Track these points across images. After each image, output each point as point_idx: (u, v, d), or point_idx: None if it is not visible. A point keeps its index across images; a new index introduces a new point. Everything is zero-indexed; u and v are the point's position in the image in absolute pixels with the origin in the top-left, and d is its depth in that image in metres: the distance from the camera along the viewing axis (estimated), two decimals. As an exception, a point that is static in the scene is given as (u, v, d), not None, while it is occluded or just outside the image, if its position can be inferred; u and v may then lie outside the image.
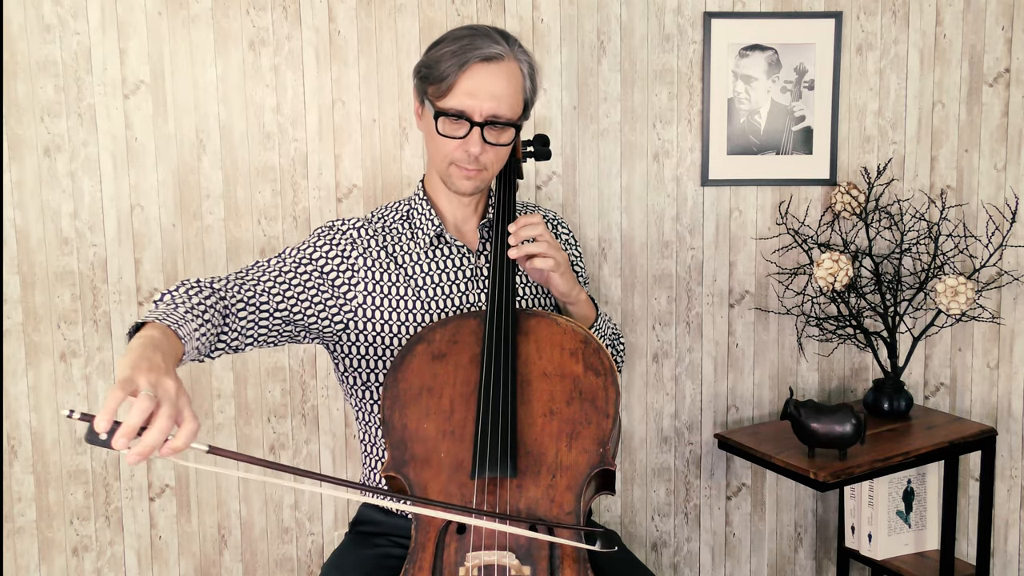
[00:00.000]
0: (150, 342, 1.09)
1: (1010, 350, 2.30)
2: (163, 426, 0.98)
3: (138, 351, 1.06)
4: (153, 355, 1.06)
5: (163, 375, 1.03)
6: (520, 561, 1.23)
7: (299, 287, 1.40)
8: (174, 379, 1.04)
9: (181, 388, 1.04)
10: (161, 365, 1.05)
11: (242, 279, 1.36)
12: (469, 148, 1.41)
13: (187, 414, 1.02)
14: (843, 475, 1.83)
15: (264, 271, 1.40)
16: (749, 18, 2.13)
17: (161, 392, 1.00)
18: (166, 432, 0.98)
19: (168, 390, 1.01)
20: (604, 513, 2.25)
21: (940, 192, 2.24)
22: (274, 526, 2.15)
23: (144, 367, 1.03)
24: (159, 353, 1.07)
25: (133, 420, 0.96)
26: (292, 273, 1.41)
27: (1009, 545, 2.37)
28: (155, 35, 1.99)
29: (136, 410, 0.97)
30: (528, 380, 1.36)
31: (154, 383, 1.01)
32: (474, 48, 1.38)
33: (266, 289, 1.36)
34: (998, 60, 2.20)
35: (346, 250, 1.46)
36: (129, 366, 1.02)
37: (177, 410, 1.01)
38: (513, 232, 1.41)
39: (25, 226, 2.00)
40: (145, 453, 0.98)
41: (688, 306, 2.23)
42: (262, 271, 1.40)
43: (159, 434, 0.98)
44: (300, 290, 1.40)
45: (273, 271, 1.40)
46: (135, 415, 0.97)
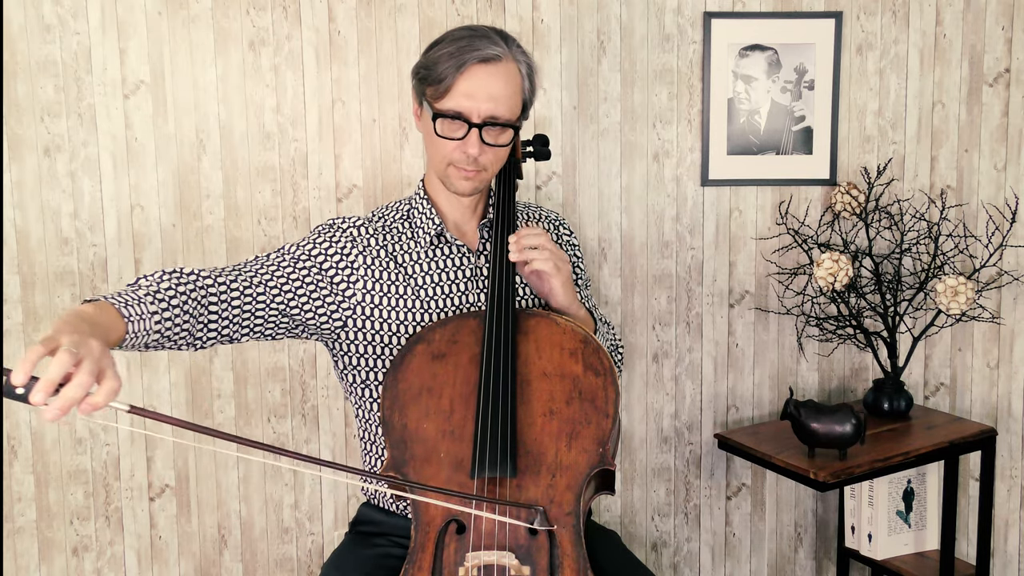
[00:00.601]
0: (80, 314, 1.08)
1: (1010, 350, 2.30)
2: (83, 381, 0.96)
3: (66, 319, 1.05)
4: (79, 324, 1.05)
5: (87, 337, 1.01)
6: (520, 561, 1.23)
7: (297, 281, 1.40)
8: (99, 341, 1.02)
9: (105, 350, 1.02)
10: (86, 330, 1.03)
11: (240, 270, 1.37)
12: (467, 149, 1.41)
13: (109, 373, 1.00)
14: (843, 475, 1.83)
15: (263, 264, 1.40)
16: (749, 18, 2.13)
17: (83, 349, 0.98)
18: (86, 387, 0.96)
19: (92, 349, 1.00)
20: (604, 513, 2.25)
21: (940, 192, 2.24)
22: (274, 526, 2.15)
23: (67, 330, 1.01)
24: (86, 323, 1.06)
25: (53, 373, 0.94)
26: (291, 268, 1.41)
27: (1009, 545, 2.37)
28: (155, 35, 1.99)
29: (56, 363, 0.95)
30: (528, 380, 1.36)
31: (76, 342, 0.99)
32: (472, 49, 1.38)
33: (263, 281, 1.37)
34: (998, 60, 2.20)
35: (346, 248, 1.47)
36: (55, 328, 1.01)
37: (99, 368, 0.99)
38: (514, 240, 1.41)
39: (25, 226, 2.00)
40: (65, 408, 0.95)
41: (688, 306, 2.23)
42: (261, 264, 1.40)
43: (78, 389, 0.95)
44: (298, 284, 1.40)
45: (272, 265, 1.41)
46: (55, 368, 0.95)
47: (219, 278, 1.33)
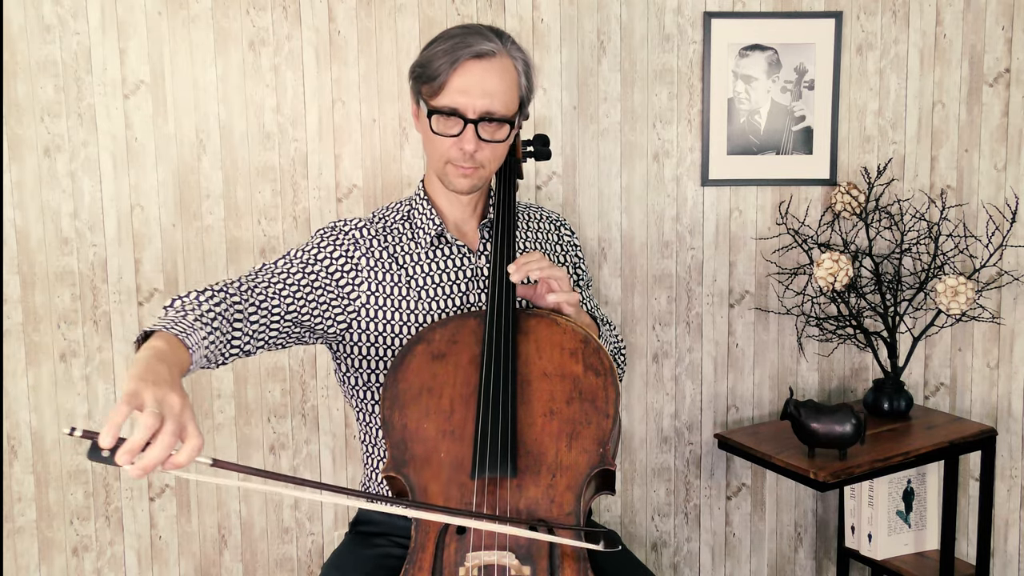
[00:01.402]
0: (156, 354, 1.08)
1: (1010, 350, 2.30)
2: (167, 442, 0.98)
3: (143, 363, 1.06)
4: (159, 367, 1.06)
5: (168, 390, 1.03)
6: (520, 561, 1.23)
7: (307, 287, 1.40)
8: (179, 394, 1.04)
9: (186, 403, 1.04)
10: (167, 379, 1.05)
11: (253, 283, 1.35)
12: (464, 146, 1.40)
13: (191, 430, 1.02)
14: (843, 475, 1.83)
15: (272, 273, 1.39)
16: (749, 18, 2.13)
17: (166, 408, 1.00)
18: (169, 448, 0.98)
19: (173, 406, 1.01)
20: (604, 513, 2.25)
21: (940, 192, 2.24)
22: (274, 526, 2.15)
23: (149, 380, 1.03)
24: (164, 365, 1.07)
25: (138, 437, 0.97)
26: (300, 274, 1.41)
27: (1009, 545, 2.37)
28: (155, 35, 1.99)
29: (141, 427, 0.97)
30: (528, 380, 1.36)
31: (159, 399, 1.01)
32: (465, 45, 1.37)
33: (277, 292, 1.36)
34: (998, 60, 2.20)
35: (349, 250, 1.47)
36: (135, 379, 1.02)
37: (181, 426, 1.01)
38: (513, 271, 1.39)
39: (25, 226, 2.00)
40: (148, 468, 0.98)
41: (688, 306, 2.23)
42: (270, 273, 1.39)
43: (162, 450, 0.98)
44: (308, 291, 1.40)
45: (281, 272, 1.40)
46: (140, 432, 0.97)
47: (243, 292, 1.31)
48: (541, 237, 1.62)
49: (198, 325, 1.19)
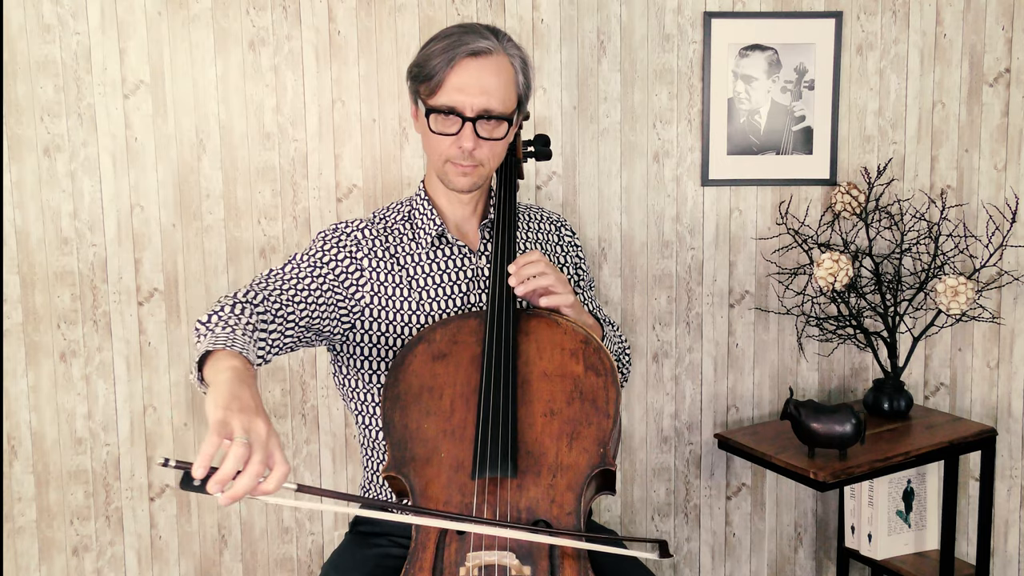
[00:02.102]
0: (236, 376, 1.10)
1: (1010, 350, 2.30)
2: (255, 471, 1.01)
3: (226, 389, 1.08)
4: (241, 391, 1.08)
5: (254, 416, 1.05)
6: (520, 561, 1.23)
7: (316, 291, 1.40)
8: (264, 419, 1.07)
9: (271, 428, 1.07)
10: (251, 403, 1.07)
11: (266, 291, 1.35)
12: (462, 144, 1.40)
13: (278, 457, 1.05)
14: (843, 475, 1.83)
15: (282, 280, 1.39)
16: (749, 18, 2.13)
17: (254, 436, 1.03)
18: (258, 477, 1.01)
19: (260, 434, 1.04)
20: (604, 513, 2.25)
21: (940, 192, 2.24)
22: (274, 526, 2.15)
23: (235, 408, 1.05)
24: (246, 388, 1.10)
25: (228, 468, 1.00)
26: (308, 278, 1.41)
27: (1009, 545, 2.37)
28: (155, 35, 1.99)
29: (231, 458, 1.00)
30: (528, 380, 1.36)
31: (247, 427, 1.03)
32: (462, 44, 1.38)
33: (290, 299, 1.36)
34: (998, 60, 2.20)
35: (352, 251, 1.47)
36: (222, 407, 1.04)
37: (268, 454, 1.04)
38: (514, 272, 1.40)
39: (25, 226, 2.00)
40: (237, 497, 1.01)
41: (688, 306, 2.23)
42: (280, 280, 1.39)
43: (252, 480, 1.01)
44: (317, 294, 1.40)
45: (290, 279, 1.40)
46: (230, 463, 1.00)
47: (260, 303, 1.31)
48: (542, 238, 1.62)
49: (246, 339, 1.21)
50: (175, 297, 2.06)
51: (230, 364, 1.13)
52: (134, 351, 2.06)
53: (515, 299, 1.42)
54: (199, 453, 0.99)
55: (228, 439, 1.02)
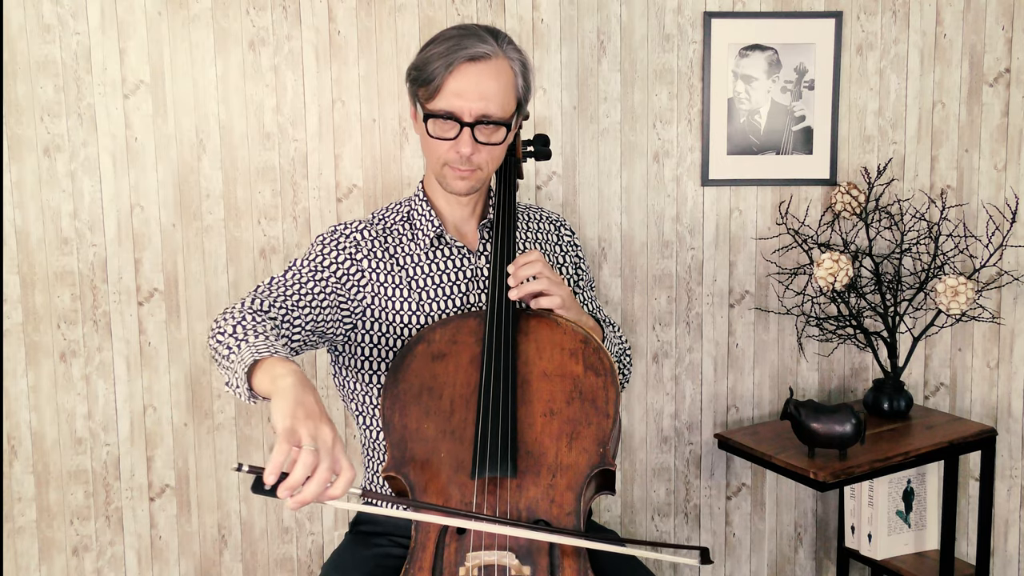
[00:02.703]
0: (298, 381, 1.13)
1: (1010, 350, 2.30)
2: (323, 477, 1.05)
3: (291, 396, 1.11)
4: (305, 397, 1.12)
5: (320, 422, 1.09)
6: (520, 561, 1.23)
7: (320, 295, 1.41)
8: (329, 424, 1.10)
9: (336, 433, 1.11)
10: (315, 409, 1.11)
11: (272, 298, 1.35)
12: (460, 149, 1.40)
13: (344, 463, 1.09)
14: (843, 475, 1.83)
15: (286, 286, 1.39)
16: (749, 18, 2.13)
17: (320, 443, 1.07)
18: (325, 483, 1.06)
19: (326, 440, 1.08)
20: (604, 513, 2.25)
21: (940, 192, 2.23)
22: (274, 526, 2.15)
23: (301, 415, 1.08)
24: (309, 393, 1.13)
25: (298, 475, 1.04)
26: (311, 283, 1.41)
27: (1009, 545, 2.37)
28: (155, 35, 1.99)
29: (301, 465, 1.04)
30: (528, 380, 1.36)
31: (313, 434, 1.07)
32: (461, 48, 1.37)
33: (295, 304, 1.37)
34: (998, 60, 2.20)
35: (351, 252, 1.47)
36: (289, 415, 1.08)
37: (335, 460, 1.08)
38: (512, 273, 1.41)
39: (25, 226, 2.00)
40: (306, 501, 1.06)
41: (688, 306, 2.23)
42: (283, 287, 1.39)
43: (320, 486, 1.05)
44: (321, 298, 1.41)
45: (294, 284, 1.40)
46: (300, 471, 1.04)
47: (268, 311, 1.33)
48: (541, 238, 1.62)
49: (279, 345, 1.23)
50: (175, 297, 2.06)
51: (289, 369, 1.15)
52: (134, 351, 2.06)
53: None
54: (270, 460, 1.04)
55: (296, 446, 1.06)
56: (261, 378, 1.17)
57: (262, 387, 1.17)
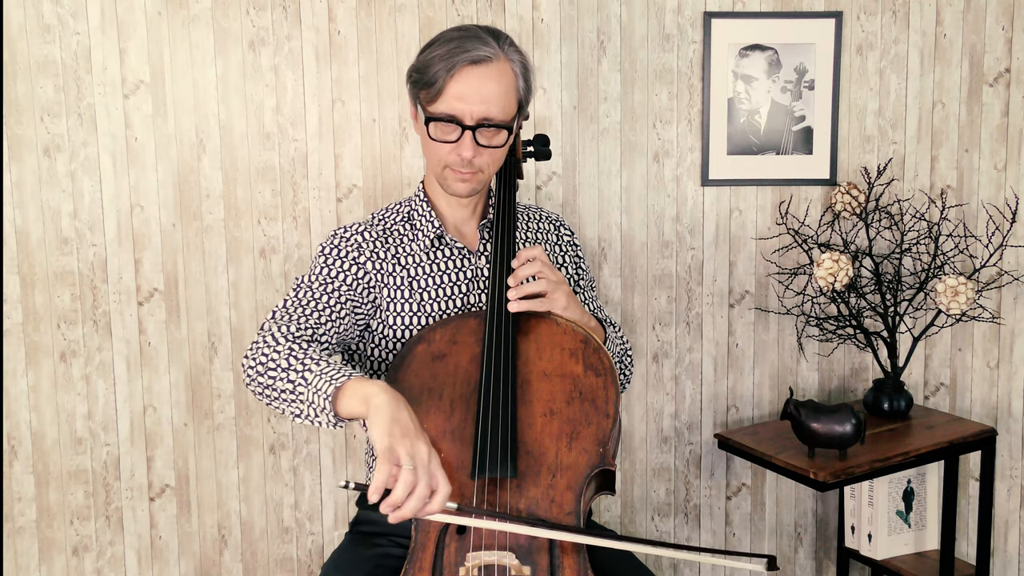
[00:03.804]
0: (391, 399, 1.18)
1: (1010, 350, 2.30)
2: (422, 494, 1.12)
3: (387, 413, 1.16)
4: (399, 414, 1.16)
5: (416, 440, 1.15)
6: (520, 561, 1.23)
7: (337, 306, 1.42)
8: (424, 441, 1.16)
9: (431, 450, 1.16)
10: (410, 426, 1.16)
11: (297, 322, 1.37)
12: (461, 152, 1.40)
13: (440, 479, 1.15)
14: (843, 475, 1.83)
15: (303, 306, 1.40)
16: (749, 18, 2.13)
17: (418, 461, 1.13)
18: (425, 499, 1.12)
19: (423, 458, 1.14)
20: (604, 513, 2.25)
21: (940, 192, 2.24)
22: (274, 526, 2.15)
23: (398, 434, 1.14)
24: (403, 409, 1.18)
25: (399, 495, 1.11)
26: (326, 296, 1.42)
27: (1009, 545, 2.37)
28: (155, 35, 1.99)
29: (401, 485, 1.11)
30: (528, 380, 1.36)
31: (411, 452, 1.13)
32: (462, 51, 1.36)
33: (318, 322, 1.39)
34: (998, 60, 2.20)
35: (355, 255, 1.47)
36: (386, 434, 1.13)
37: (431, 476, 1.14)
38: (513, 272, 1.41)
39: (25, 226, 2.00)
40: (406, 517, 1.12)
41: (688, 306, 2.23)
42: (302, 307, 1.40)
43: (419, 502, 1.12)
44: (339, 309, 1.42)
45: (312, 303, 1.41)
46: (400, 490, 1.11)
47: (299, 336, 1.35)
48: (540, 237, 1.62)
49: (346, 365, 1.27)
50: (175, 297, 2.06)
51: (378, 387, 1.19)
52: (134, 351, 2.06)
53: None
54: (373, 479, 1.10)
55: (396, 465, 1.11)
56: (347, 401, 1.20)
57: (350, 410, 1.21)
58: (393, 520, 1.12)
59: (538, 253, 1.42)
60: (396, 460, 1.11)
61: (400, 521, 1.13)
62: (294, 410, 1.25)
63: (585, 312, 1.48)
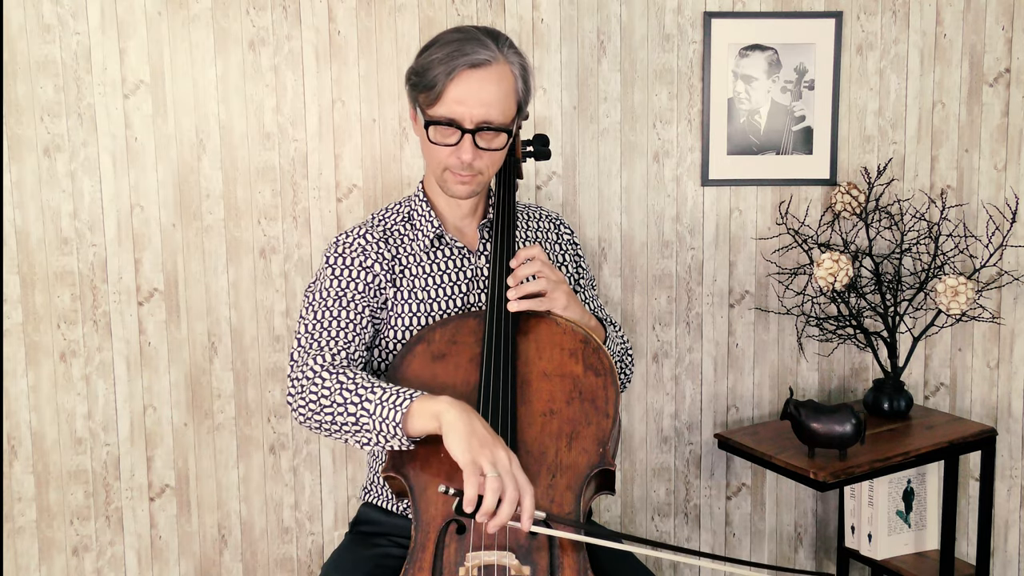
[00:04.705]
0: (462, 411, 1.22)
1: (1010, 350, 2.30)
2: (513, 497, 1.17)
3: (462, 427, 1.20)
4: (474, 425, 1.21)
5: (494, 448, 1.19)
6: (520, 561, 1.23)
7: (358, 319, 1.44)
8: (502, 447, 1.20)
9: (511, 454, 1.21)
10: (486, 435, 1.20)
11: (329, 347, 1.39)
12: (461, 155, 1.40)
13: (521, 480, 1.19)
14: (843, 475, 1.83)
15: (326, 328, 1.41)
16: (749, 18, 2.13)
17: (501, 468, 1.17)
18: (516, 503, 1.17)
19: (504, 464, 1.18)
20: (604, 513, 2.25)
21: (940, 192, 2.23)
22: (274, 526, 2.15)
23: (476, 445, 1.18)
24: (476, 419, 1.22)
25: (490, 502, 1.15)
26: (345, 312, 1.43)
27: (1009, 545, 2.37)
28: (155, 35, 1.99)
29: (490, 492, 1.15)
30: (528, 380, 1.36)
31: (492, 460, 1.17)
32: (462, 54, 1.36)
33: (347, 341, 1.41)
34: (998, 60, 2.20)
35: (361, 260, 1.47)
36: (466, 448, 1.18)
37: (516, 479, 1.18)
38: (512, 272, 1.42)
39: (25, 226, 2.00)
40: (503, 523, 1.17)
41: (688, 306, 2.23)
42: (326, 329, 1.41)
43: (511, 507, 1.16)
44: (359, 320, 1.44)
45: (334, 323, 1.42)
46: (491, 497, 1.15)
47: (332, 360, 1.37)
48: (540, 237, 1.62)
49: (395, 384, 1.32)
50: (175, 297, 2.06)
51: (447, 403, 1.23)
52: (134, 351, 2.06)
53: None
54: (465, 494, 1.15)
55: (482, 475, 1.16)
56: (417, 422, 1.24)
57: (422, 429, 1.24)
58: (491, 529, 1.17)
59: (537, 252, 1.42)
60: (480, 471, 1.16)
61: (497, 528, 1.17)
62: (360, 439, 1.28)
63: (585, 311, 1.48)
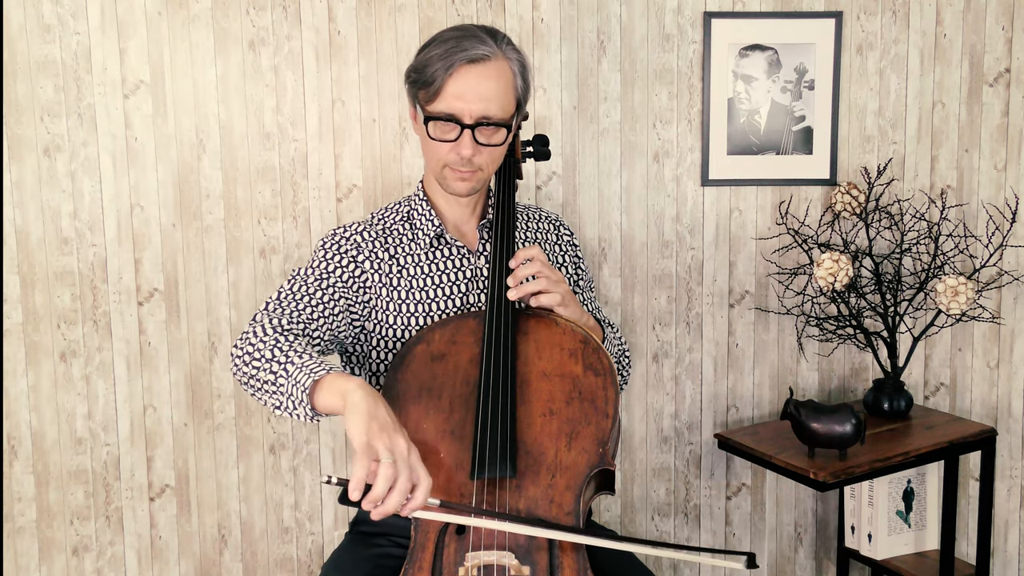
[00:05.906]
0: (368, 395, 1.16)
1: (1010, 350, 2.30)
2: (403, 488, 1.11)
3: (364, 409, 1.14)
4: (376, 410, 1.15)
5: (394, 434, 1.13)
6: (520, 561, 1.23)
7: (331, 302, 1.41)
8: (402, 435, 1.14)
9: (410, 443, 1.15)
10: (388, 420, 1.15)
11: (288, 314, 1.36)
12: (461, 151, 1.40)
13: (420, 472, 1.14)
14: (843, 475, 1.83)
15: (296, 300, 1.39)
16: (749, 18, 2.13)
17: (397, 455, 1.12)
18: (406, 493, 1.11)
19: (402, 452, 1.12)
20: (604, 513, 2.25)
21: (940, 192, 2.23)
22: (274, 526, 2.15)
23: (376, 429, 1.12)
24: (380, 405, 1.16)
25: (380, 489, 1.09)
26: (319, 291, 1.41)
27: (1009, 545, 2.37)
28: (155, 35, 1.99)
29: (381, 479, 1.09)
30: (527, 380, 1.36)
31: (389, 447, 1.11)
32: (460, 50, 1.37)
33: (310, 317, 1.38)
34: (998, 60, 2.20)
35: (353, 254, 1.47)
36: (364, 431, 1.11)
37: (411, 470, 1.13)
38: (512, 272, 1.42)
39: (25, 226, 2.00)
40: (389, 512, 1.11)
41: (688, 306, 2.23)
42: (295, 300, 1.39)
43: (401, 496, 1.10)
44: (332, 305, 1.41)
45: (305, 297, 1.40)
46: (381, 484, 1.09)
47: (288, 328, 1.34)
48: (540, 237, 1.62)
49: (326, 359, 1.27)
50: (175, 297, 2.06)
51: (355, 384, 1.18)
52: (134, 351, 2.06)
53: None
54: (352, 475, 1.08)
55: (375, 460, 1.10)
56: (325, 396, 1.19)
57: (327, 404, 1.20)
58: (376, 517, 1.11)
59: (536, 252, 1.42)
60: (375, 455, 1.10)
61: (383, 517, 1.11)
62: (274, 401, 1.25)
63: (584, 312, 1.48)
